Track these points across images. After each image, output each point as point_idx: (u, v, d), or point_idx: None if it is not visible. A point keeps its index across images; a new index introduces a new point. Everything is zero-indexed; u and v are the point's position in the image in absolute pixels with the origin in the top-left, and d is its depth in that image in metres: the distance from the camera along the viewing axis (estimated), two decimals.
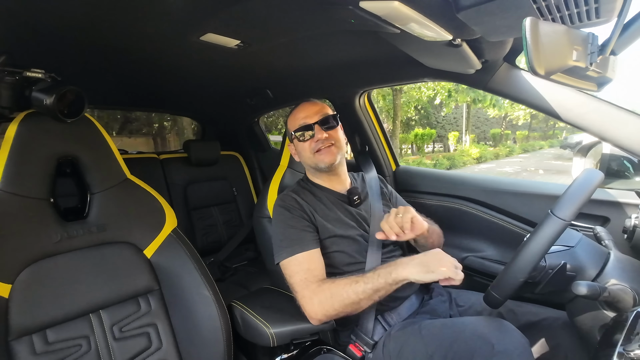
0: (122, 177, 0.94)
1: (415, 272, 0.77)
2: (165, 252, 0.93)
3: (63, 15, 0.73)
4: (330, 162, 1.01)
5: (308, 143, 1.02)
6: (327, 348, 0.92)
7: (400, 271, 0.79)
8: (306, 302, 0.85)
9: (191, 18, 0.77)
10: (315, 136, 1.00)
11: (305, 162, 1.08)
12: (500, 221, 1.21)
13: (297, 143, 1.06)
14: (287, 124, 1.11)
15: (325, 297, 0.83)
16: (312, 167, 1.07)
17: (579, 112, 0.86)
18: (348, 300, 0.82)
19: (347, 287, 0.82)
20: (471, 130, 19.20)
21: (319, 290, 0.85)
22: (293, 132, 1.04)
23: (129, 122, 9.13)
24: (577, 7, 0.53)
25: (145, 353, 0.86)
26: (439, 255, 0.79)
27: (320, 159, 1.01)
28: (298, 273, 0.89)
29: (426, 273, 0.76)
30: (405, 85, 10.92)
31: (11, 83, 0.78)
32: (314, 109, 1.04)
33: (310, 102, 1.08)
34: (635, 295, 0.64)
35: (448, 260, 0.77)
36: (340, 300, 0.82)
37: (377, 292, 0.81)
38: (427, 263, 0.78)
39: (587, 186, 0.68)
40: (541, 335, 0.87)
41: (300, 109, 1.06)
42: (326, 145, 1.00)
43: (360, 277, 0.83)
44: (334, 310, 0.83)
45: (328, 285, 0.85)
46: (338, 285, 0.84)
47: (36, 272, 0.76)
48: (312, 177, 1.10)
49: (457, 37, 0.73)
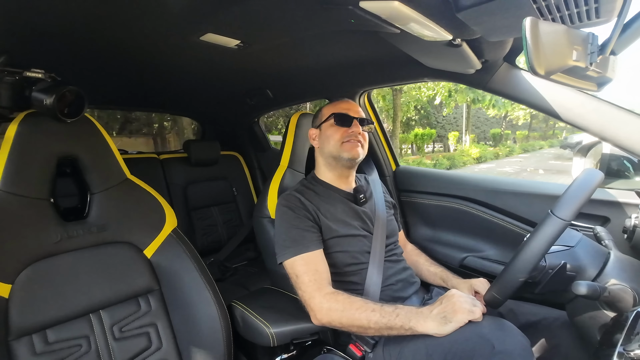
0: (122, 177, 0.94)
1: (435, 326, 0.74)
2: (165, 252, 0.93)
3: (63, 15, 0.73)
4: (353, 156, 1.01)
5: (342, 131, 1.02)
6: (327, 348, 0.92)
7: (420, 324, 0.75)
8: (315, 303, 0.85)
9: (191, 18, 0.77)
10: (352, 127, 1.02)
11: (327, 150, 1.05)
12: (500, 221, 1.21)
13: (327, 127, 1.05)
14: (320, 111, 1.10)
15: (337, 308, 0.82)
16: (331, 158, 1.05)
17: (579, 112, 0.86)
18: (357, 323, 0.80)
19: (361, 311, 0.80)
20: (471, 130, 19.19)
21: (332, 299, 0.83)
22: (332, 114, 1.04)
23: (129, 122, 9.12)
24: (577, 7, 0.53)
25: (145, 353, 0.86)
26: (454, 303, 0.74)
27: (346, 149, 1.01)
28: (306, 273, 0.88)
29: (445, 325, 0.73)
30: (405, 85, 10.92)
31: (11, 83, 0.78)
32: (356, 108, 1.07)
33: (352, 101, 1.10)
34: (635, 295, 0.64)
35: (463, 305, 0.73)
36: (349, 319, 0.81)
37: (389, 329, 0.78)
38: (444, 314, 0.74)
39: (587, 186, 0.68)
40: (541, 335, 0.87)
41: (344, 102, 1.08)
42: (356, 139, 1.02)
43: (378, 308, 0.80)
44: (339, 323, 0.83)
45: (343, 299, 0.83)
46: (353, 304, 0.82)
47: (36, 272, 0.76)
48: (322, 174, 1.09)
49: (457, 37, 0.73)
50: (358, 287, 0.96)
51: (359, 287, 0.96)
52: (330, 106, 1.08)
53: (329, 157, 1.06)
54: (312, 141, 1.11)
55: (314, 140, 1.10)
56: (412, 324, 0.75)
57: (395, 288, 0.99)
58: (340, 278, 0.97)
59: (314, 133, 1.10)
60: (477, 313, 0.72)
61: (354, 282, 0.97)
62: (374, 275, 0.96)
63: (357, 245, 0.99)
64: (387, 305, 0.80)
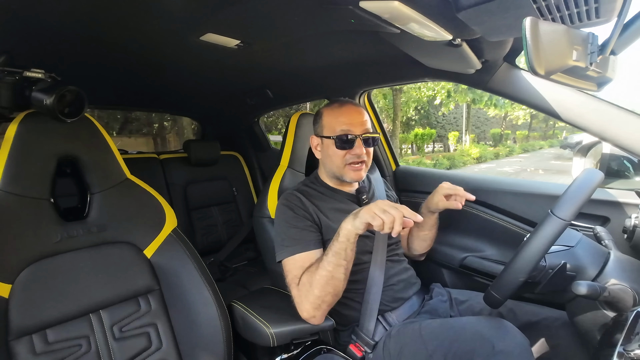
0: (122, 177, 0.94)
1: (347, 223, 0.78)
2: (165, 252, 0.93)
3: (63, 15, 0.73)
4: (356, 179, 0.99)
5: (344, 152, 0.97)
6: (327, 348, 0.92)
7: (342, 226, 0.80)
8: (297, 301, 0.86)
9: (191, 18, 0.77)
10: (354, 150, 0.96)
11: (330, 168, 1.02)
12: (500, 221, 1.21)
13: (329, 145, 0.99)
14: (321, 116, 1.02)
15: (306, 289, 0.83)
16: (333, 173, 1.03)
17: (579, 112, 0.86)
18: (322, 280, 0.81)
19: (318, 271, 0.82)
20: (471, 130, 19.19)
21: (301, 285, 0.85)
22: (333, 136, 0.97)
23: (129, 122, 9.12)
24: (577, 7, 0.53)
25: (145, 353, 0.86)
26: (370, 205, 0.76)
27: (349, 173, 0.98)
28: (291, 272, 0.89)
29: (354, 220, 0.77)
30: (405, 85, 10.92)
31: (11, 83, 0.77)
32: (359, 119, 0.97)
33: (355, 106, 1.01)
34: (635, 295, 0.64)
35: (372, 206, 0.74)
36: (317, 284, 0.81)
37: (338, 254, 0.80)
38: (358, 211, 0.78)
39: (587, 186, 0.68)
40: (541, 335, 0.87)
41: (345, 110, 0.99)
42: (360, 161, 0.97)
43: (323, 256, 0.83)
44: (318, 298, 0.82)
45: (305, 276, 0.85)
46: (312, 272, 0.83)
47: (36, 272, 0.76)
48: (324, 178, 1.07)
49: (457, 37, 0.73)
50: (360, 287, 0.96)
51: (360, 287, 0.96)
52: (331, 116, 0.99)
53: (331, 173, 1.04)
54: (313, 149, 1.06)
55: (316, 149, 1.06)
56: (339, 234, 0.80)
57: (397, 288, 0.99)
58: None
59: (316, 142, 1.05)
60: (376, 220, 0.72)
61: (355, 282, 0.96)
62: (376, 275, 0.96)
63: (358, 245, 0.98)
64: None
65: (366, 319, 0.93)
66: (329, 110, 1.01)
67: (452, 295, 1.05)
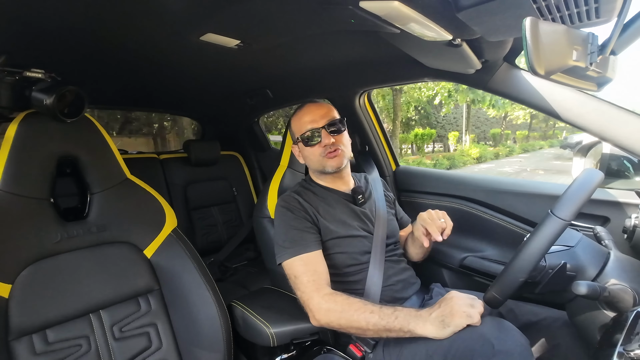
0: (122, 177, 0.94)
1: (434, 330, 0.73)
2: (165, 252, 0.93)
3: (63, 15, 0.73)
4: (337, 166, 1.01)
5: (315, 148, 1.00)
6: (327, 348, 0.92)
7: (419, 327, 0.75)
8: (313, 304, 0.84)
9: (191, 18, 0.77)
10: (323, 141, 0.98)
11: (312, 166, 1.06)
12: (500, 221, 1.21)
13: (302, 147, 1.04)
14: (290, 125, 1.09)
15: (335, 309, 0.82)
16: (318, 171, 1.06)
17: (579, 112, 0.86)
18: (356, 324, 0.80)
19: (360, 312, 0.79)
20: (471, 130, 19.19)
21: (331, 300, 0.83)
22: (299, 136, 1.02)
23: (129, 122, 9.11)
24: (577, 7, 0.53)
25: (145, 353, 0.86)
26: (452, 306, 0.74)
27: (327, 163, 1.00)
28: (305, 274, 0.88)
29: (443, 329, 0.73)
30: (405, 85, 10.92)
31: (11, 83, 0.78)
32: (320, 112, 1.01)
33: (315, 103, 1.05)
34: (635, 295, 0.64)
35: (461, 308, 0.73)
36: (348, 320, 0.80)
37: (387, 331, 0.78)
38: (443, 317, 0.74)
39: (587, 186, 0.68)
40: (541, 335, 0.87)
41: (305, 110, 1.03)
42: (333, 150, 0.99)
43: (377, 309, 0.79)
44: (338, 325, 0.82)
45: (342, 300, 0.82)
46: (352, 305, 0.81)
47: (36, 272, 0.76)
48: (317, 179, 1.09)
49: (457, 37, 0.73)
50: (358, 287, 0.96)
51: (359, 287, 0.96)
52: (296, 120, 1.04)
53: (316, 171, 1.07)
54: (297, 157, 1.10)
55: (299, 156, 1.09)
56: (411, 327, 0.75)
57: (396, 288, 0.99)
58: (341, 279, 0.97)
59: (296, 149, 1.09)
60: (475, 317, 0.72)
61: (354, 282, 0.96)
62: (375, 276, 0.96)
63: (356, 245, 0.99)
64: (386, 307, 0.80)
65: None
66: (294, 116, 1.07)
67: None
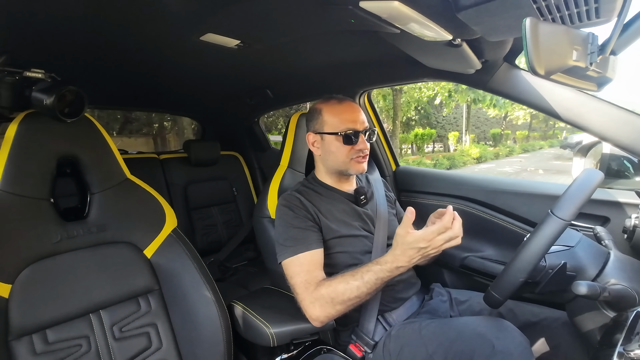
0: (122, 177, 0.94)
1: (404, 258, 0.78)
2: (165, 252, 0.93)
3: (63, 15, 0.73)
4: (362, 171, 1.02)
5: (349, 148, 0.98)
6: (327, 348, 0.92)
7: (398, 259, 0.79)
8: (307, 305, 0.85)
9: (191, 18, 0.77)
10: (359, 145, 0.98)
11: (332, 163, 1.02)
12: (500, 221, 1.21)
13: (331, 141, 0.99)
14: (320, 114, 1.01)
15: (327, 301, 0.82)
16: (334, 170, 1.04)
17: (579, 112, 0.86)
18: (352, 302, 0.81)
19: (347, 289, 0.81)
20: (471, 130, 19.20)
21: (319, 296, 0.84)
22: (340, 133, 0.98)
23: (129, 122, 9.12)
24: (577, 7, 0.53)
25: (145, 353, 0.86)
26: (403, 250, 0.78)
27: (354, 166, 1.00)
28: (299, 274, 0.88)
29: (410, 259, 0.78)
30: (405, 85, 10.92)
31: (11, 83, 0.77)
32: (360, 116, 1.00)
33: (352, 102, 1.03)
34: (635, 295, 0.64)
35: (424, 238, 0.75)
36: (342, 303, 0.81)
37: (376, 285, 0.81)
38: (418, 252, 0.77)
39: (587, 186, 0.68)
40: (541, 335, 0.87)
41: (346, 107, 1.01)
42: (364, 156, 1.00)
43: (357, 275, 0.82)
44: (337, 312, 0.83)
45: (327, 291, 0.83)
46: (337, 288, 0.82)
47: (36, 272, 0.76)
48: (322, 177, 1.07)
49: (457, 37, 0.73)
50: None
51: None
52: (332, 113, 1.00)
53: (333, 169, 1.04)
54: (311, 147, 1.05)
55: (313, 146, 1.05)
56: (390, 266, 0.80)
57: (397, 288, 0.99)
58: None
59: (314, 139, 1.04)
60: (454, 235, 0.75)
61: None
62: None
63: (357, 245, 0.99)
64: (360, 269, 0.83)
65: (366, 319, 0.93)
66: (329, 107, 1.01)
67: (452, 295, 1.05)
